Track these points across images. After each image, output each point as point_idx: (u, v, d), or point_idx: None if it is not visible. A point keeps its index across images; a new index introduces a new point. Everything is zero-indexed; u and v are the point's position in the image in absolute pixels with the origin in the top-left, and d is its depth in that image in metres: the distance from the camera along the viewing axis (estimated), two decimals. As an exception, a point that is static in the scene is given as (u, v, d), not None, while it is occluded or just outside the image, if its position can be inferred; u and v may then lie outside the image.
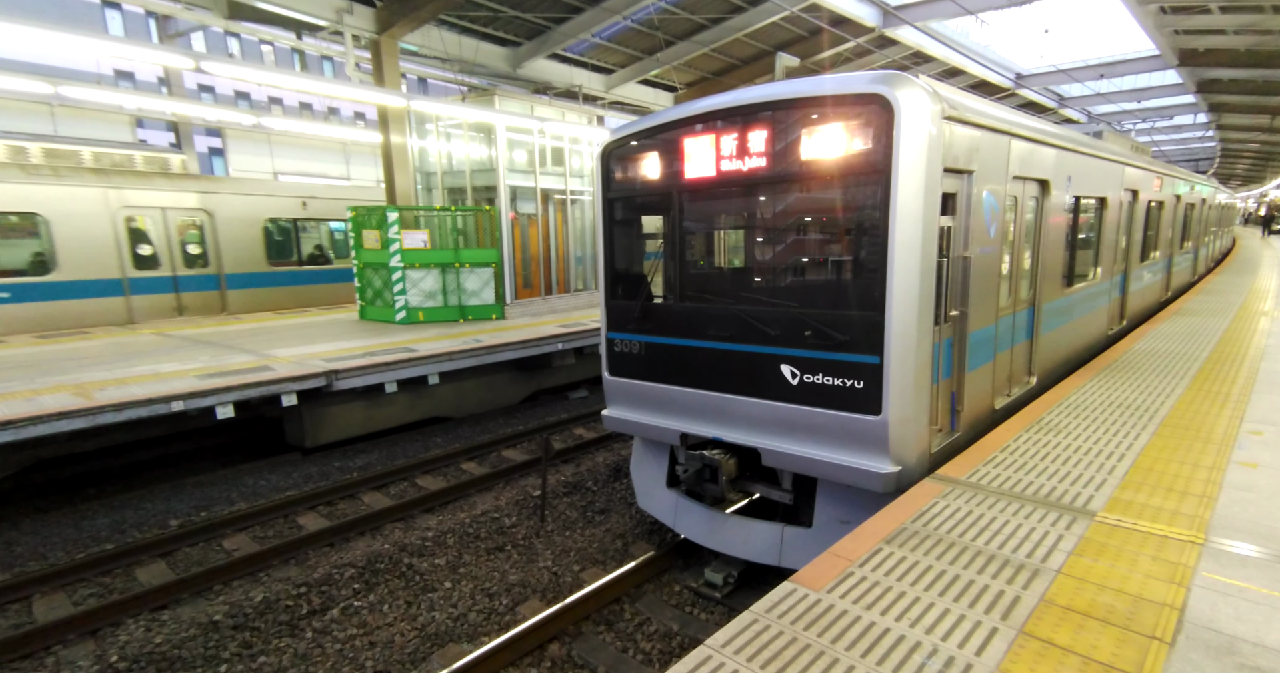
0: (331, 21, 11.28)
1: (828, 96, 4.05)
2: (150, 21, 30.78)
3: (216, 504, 7.08)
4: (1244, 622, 2.52)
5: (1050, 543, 3.14)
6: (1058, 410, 5.20)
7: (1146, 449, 4.35)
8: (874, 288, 3.98)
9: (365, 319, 11.98)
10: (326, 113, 39.47)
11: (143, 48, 8.68)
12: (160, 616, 4.97)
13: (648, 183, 5.16)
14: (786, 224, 4.76)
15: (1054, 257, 6.02)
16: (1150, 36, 16.20)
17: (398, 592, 5.27)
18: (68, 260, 11.35)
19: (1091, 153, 6.63)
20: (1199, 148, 38.47)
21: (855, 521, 4.25)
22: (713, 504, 5.24)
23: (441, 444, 8.91)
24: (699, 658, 2.38)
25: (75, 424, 6.09)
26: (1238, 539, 3.15)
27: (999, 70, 20.62)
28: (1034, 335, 5.85)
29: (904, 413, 3.99)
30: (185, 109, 15.32)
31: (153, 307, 12.59)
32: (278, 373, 7.54)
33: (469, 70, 14.84)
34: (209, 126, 29.68)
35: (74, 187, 11.37)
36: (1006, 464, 4.13)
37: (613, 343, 5.57)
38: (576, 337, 10.48)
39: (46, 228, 11.07)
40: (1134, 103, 25.05)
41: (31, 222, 10.98)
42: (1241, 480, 3.83)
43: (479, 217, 11.79)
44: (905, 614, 2.59)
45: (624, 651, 4.46)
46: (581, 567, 5.59)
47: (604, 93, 17.67)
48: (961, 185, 4.33)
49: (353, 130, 18.82)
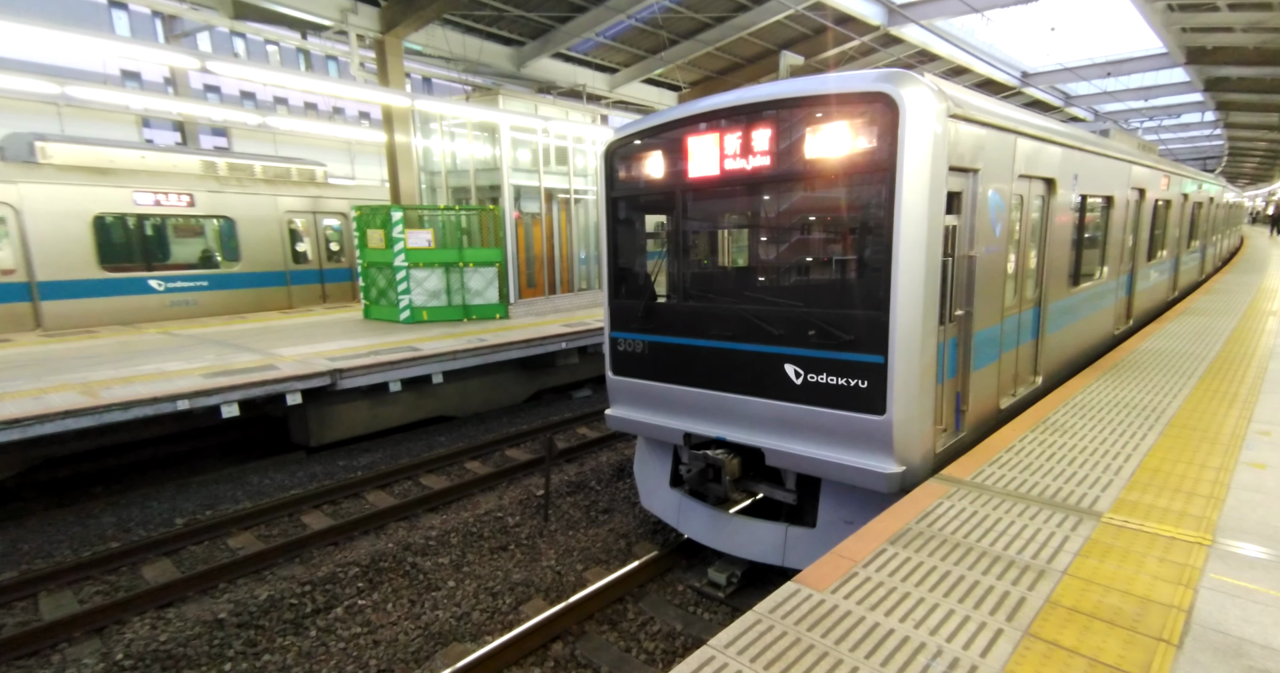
0: (336, 21, 11.31)
1: (832, 95, 4.03)
2: (156, 22, 30.90)
3: (222, 503, 7.10)
4: (1252, 624, 2.50)
5: (1056, 544, 3.12)
6: (1063, 411, 5.17)
7: (1153, 450, 4.32)
8: (878, 287, 3.96)
9: (369, 318, 12.02)
10: (331, 112, 39.60)
11: (149, 48, 8.72)
12: (166, 614, 4.98)
13: (651, 182, 5.15)
14: (790, 223, 4.74)
15: (1060, 256, 5.98)
16: (1158, 34, 16.11)
17: (401, 591, 5.28)
18: (248, 256, 13.83)
19: (1098, 151, 6.59)
20: (1206, 146, 38.22)
21: (859, 521, 4.23)
22: (716, 504, 5.23)
23: (445, 443, 8.93)
24: (702, 658, 2.37)
25: (82, 423, 6.12)
26: (1246, 541, 3.13)
27: (1005, 68, 20.53)
28: (1040, 335, 5.81)
29: (909, 413, 3.97)
30: (191, 109, 15.40)
31: (305, 294, 15.04)
32: (282, 372, 7.56)
33: (473, 70, 14.86)
34: (214, 126, 29.80)
35: (253, 195, 13.85)
36: (1012, 465, 4.11)
37: (616, 342, 5.57)
38: (580, 336, 10.48)
39: (234, 229, 13.59)
40: (1141, 101, 24.92)
41: (226, 224, 13.52)
42: (1249, 481, 3.80)
43: (483, 216, 11.80)
44: (910, 615, 2.58)
45: (627, 650, 4.46)
46: (585, 566, 5.59)
47: (608, 92, 17.66)
48: (967, 184, 4.31)
49: (357, 130, 18.88)
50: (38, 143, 11.77)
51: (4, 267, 10.91)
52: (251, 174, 14.58)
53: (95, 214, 11.65)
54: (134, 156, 13.04)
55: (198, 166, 13.96)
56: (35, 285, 11.13)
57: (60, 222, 11.24)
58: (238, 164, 14.62)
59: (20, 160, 11.51)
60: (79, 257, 11.52)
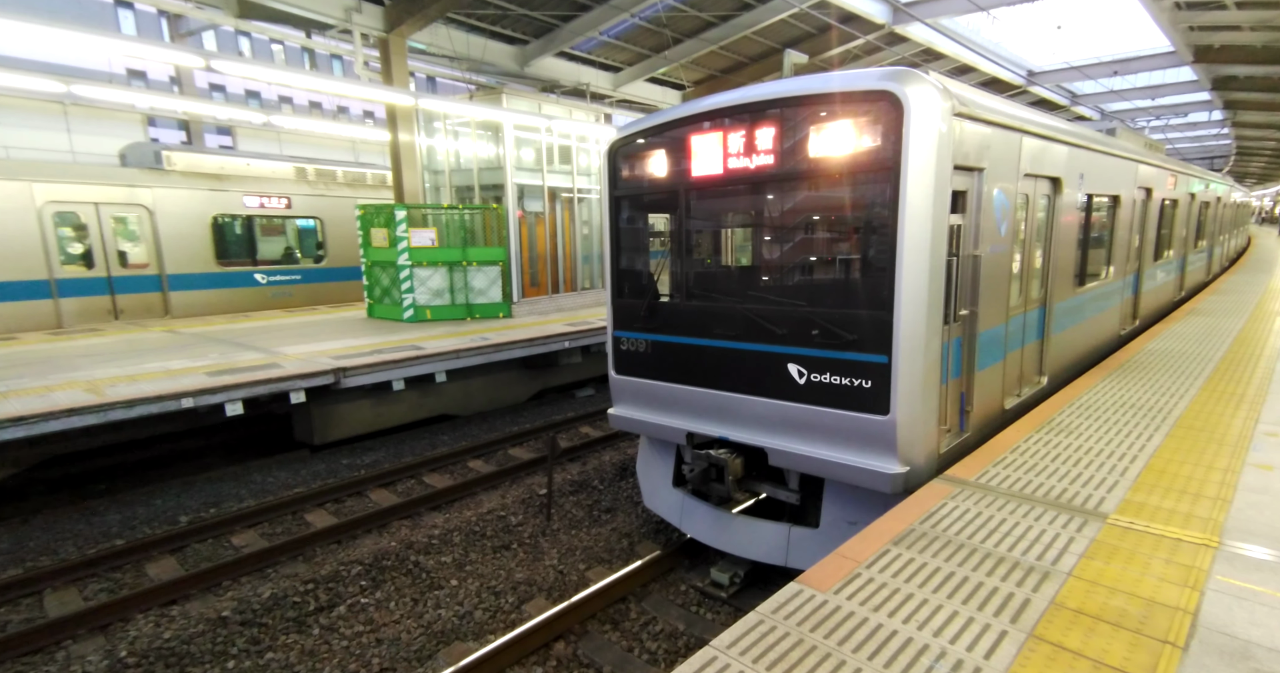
0: (341, 20, 11.32)
1: (836, 93, 4.01)
2: (162, 20, 30.99)
3: (226, 501, 7.12)
4: (1259, 626, 2.48)
5: (1061, 545, 3.10)
6: (1069, 411, 5.14)
7: (1159, 451, 4.29)
8: (882, 287, 3.94)
9: (373, 317, 12.04)
10: (335, 111, 39.66)
11: (155, 47, 8.74)
12: (170, 611, 5.00)
13: (654, 181, 5.14)
14: (794, 222, 4.72)
15: (1066, 255, 5.95)
16: (1165, 32, 16.00)
17: (404, 589, 5.28)
18: (332, 252, 15.13)
19: (1104, 150, 6.55)
20: (1214, 145, 37.99)
21: (863, 521, 4.22)
22: (719, 504, 5.21)
23: (448, 442, 8.94)
24: (704, 659, 2.36)
25: (87, 420, 6.14)
26: (1253, 543, 3.10)
27: (1010, 67, 20.44)
28: (1045, 335, 5.78)
29: (912, 413, 3.95)
30: (197, 108, 15.45)
31: None
32: (286, 370, 7.57)
33: (477, 68, 14.87)
34: (220, 125, 29.87)
35: (336, 197, 15.13)
36: (1017, 465, 4.09)
37: (619, 341, 5.56)
38: (583, 335, 10.47)
39: (323, 228, 14.95)
40: (1148, 100, 24.76)
41: (316, 223, 14.91)
42: (1256, 483, 3.77)
43: (486, 215, 11.80)
44: (913, 617, 2.56)
45: (630, 650, 4.46)
46: (587, 566, 5.58)
47: (611, 91, 17.65)
48: (972, 183, 4.28)
49: (361, 128, 18.95)
50: (164, 152, 13.18)
51: (140, 261, 12.36)
52: (334, 178, 15.85)
53: (213, 215, 13.11)
54: (240, 163, 14.41)
55: (291, 173, 15.22)
56: (165, 278, 12.57)
57: (185, 222, 12.71)
58: (324, 170, 15.85)
59: (148, 167, 12.83)
60: (200, 253, 12.97)
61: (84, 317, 11.71)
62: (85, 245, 11.67)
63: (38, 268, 11.08)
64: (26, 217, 10.91)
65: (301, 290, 14.63)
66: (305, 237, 14.81)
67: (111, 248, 11.92)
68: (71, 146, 22.78)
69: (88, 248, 11.69)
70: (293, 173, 15.20)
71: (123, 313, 12.16)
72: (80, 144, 22.93)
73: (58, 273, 11.34)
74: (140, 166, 12.82)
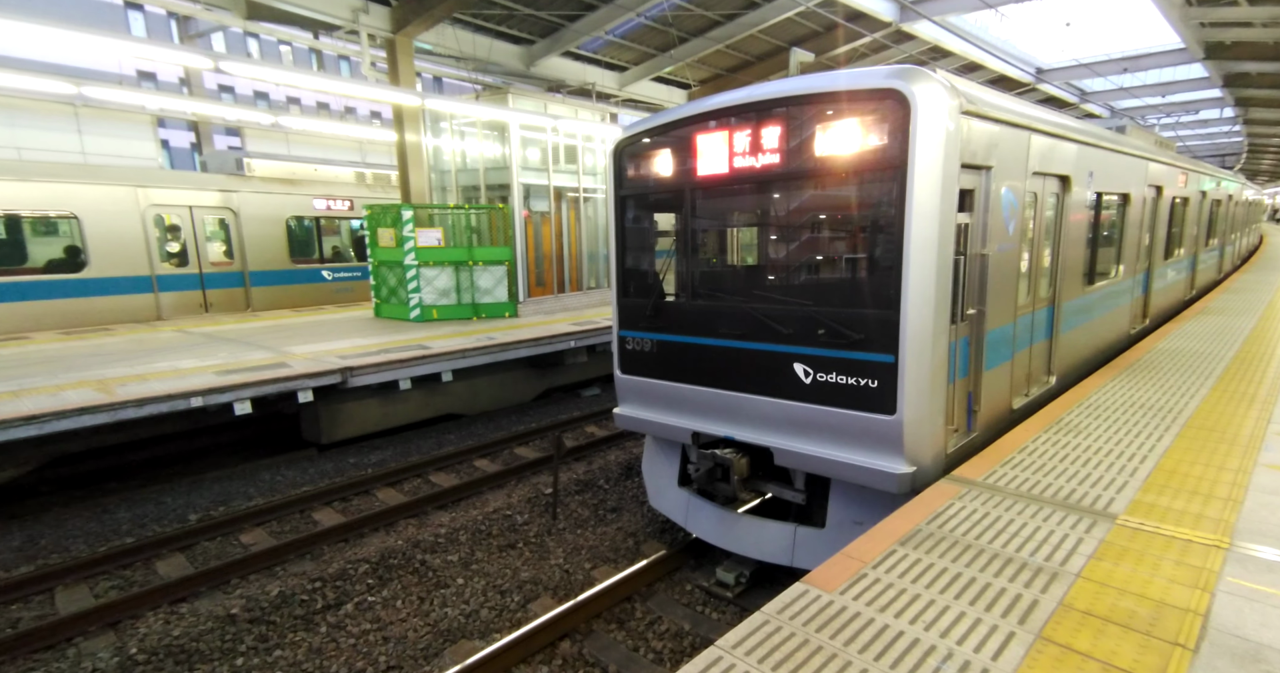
0: (348, 21, 11.36)
1: (843, 92, 4.00)
2: (171, 22, 31.22)
3: (234, 499, 7.17)
4: (1270, 629, 2.46)
5: (1069, 546, 3.08)
6: (1078, 411, 5.10)
7: (1169, 451, 4.25)
8: (889, 286, 3.93)
9: (380, 317, 12.09)
10: (343, 112, 39.84)
11: (164, 48, 8.80)
12: (179, 609, 5.04)
13: (660, 180, 5.13)
14: (800, 221, 4.71)
15: (1074, 254, 5.91)
16: (1175, 29, 15.85)
17: (411, 588, 5.30)
18: None
19: (1114, 148, 6.50)
20: (1225, 143, 37.62)
21: (869, 521, 4.20)
22: (725, 504, 5.21)
23: (454, 441, 8.96)
24: (710, 658, 2.36)
25: (97, 419, 6.19)
26: (1264, 544, 3.07)
27: (1019, 65, 20.31)
28: (1053, 334, 5.75)
29: (919, 413, 3.93)
30: (205, 109, 15.55)
31: None
32: (294, 370, 7.61)
33: (483, 68, 14.90)
34: (228, 126, 30.04)
35: (391, 200, 15.40)
36: (1025, 466, 4.06)
37: (624, 341, 5.56)
38: (589, 335, 10.48)
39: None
40: (1158, 97, 24.53)
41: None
42: (1268, 484, 3.74)
43: (492, 215, 11.83)
44: (920, 617, 2.55)
45: (635, 649, 4.46)
46: (593, 565, 5.59)
47: (617, 90, 17.64)
48: (979, 181, 4.26)
49: (369, 129, 19.02)
50: (245, 159, 14.44)
51: (225, 259, 13.50)
52: (390, 182, 16.70)
53: (288, 216, 14.14)
54: (309, 168, 15.63)
55: (352, 177, 16.33)
56: (247, 274, 13.61)
57: (264, 223, 13.76)
58: (380, 174, 16.80)
59: (230, 173, 14.06)
60: (277, 251, 14.02)
61: (179, 309, 12.73)
62: (180, 244, 12.78)
63: (142, 265, 12.08)
64: (133, 219, 11.89)
65: (361, 286, 15.38)
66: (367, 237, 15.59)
67: (203, 247, 12.99)
68: (82, 148, 22.95)
69: (183, 247, 12.79)
70: (353, 177, 16.35)
71: (212, 306, 13.18)
72: (90, 145, 23.11)
73: (158, 270, 12.35)
74: (223, 172, 14.06)
